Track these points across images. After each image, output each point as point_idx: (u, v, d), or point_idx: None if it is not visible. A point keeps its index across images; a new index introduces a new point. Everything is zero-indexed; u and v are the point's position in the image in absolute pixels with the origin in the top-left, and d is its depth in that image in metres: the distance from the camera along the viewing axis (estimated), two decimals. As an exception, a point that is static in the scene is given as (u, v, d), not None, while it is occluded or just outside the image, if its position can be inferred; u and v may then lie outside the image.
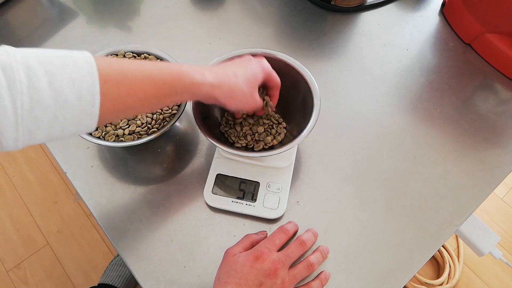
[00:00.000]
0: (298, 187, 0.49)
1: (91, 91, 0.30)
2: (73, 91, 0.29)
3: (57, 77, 0.28)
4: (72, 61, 0.29)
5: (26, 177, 1.27)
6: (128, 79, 0.33)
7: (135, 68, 0.33)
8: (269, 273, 0.38)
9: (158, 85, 0.34)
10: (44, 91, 0.28)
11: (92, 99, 0.30)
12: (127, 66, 0.33)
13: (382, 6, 0.67)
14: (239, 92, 0.40)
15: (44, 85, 0.28)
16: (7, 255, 1.15)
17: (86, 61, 0.30)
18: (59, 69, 0.29)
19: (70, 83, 0.29)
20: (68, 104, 0.29)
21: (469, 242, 0.71)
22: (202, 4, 0.67)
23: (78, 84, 0.29)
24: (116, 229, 0.47)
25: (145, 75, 0.34)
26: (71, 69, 0.29)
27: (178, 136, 0.54)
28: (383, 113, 0.55)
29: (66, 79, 0.29)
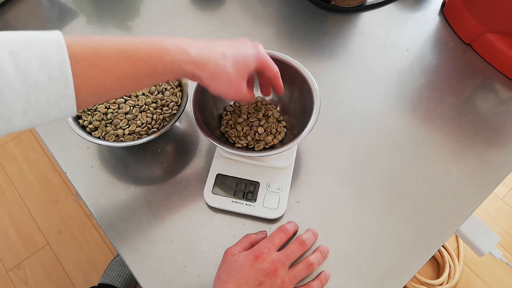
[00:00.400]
0: (298, 187, 0.49)
1: (62, 71, 0.28)
2: (42, 72, 0.27)
3: (22, 58, 0.27)
4: (39, 40, 0.28)
5: (26, 177, 1.27)
6: (101, 57, 0.30)
7: (108, 45, 0.31)
8: (269, 272, 0.38)
9: (135, 63, 0.32)
10: (9, 74, 0.26)
11: (65, 80, 0.28)
12: (100, 43, 0.30)
13: (382, 6, 0.67)
14: (225, 76, 0.36)
15: (8, 67, 0.26)
16: (7, 255, 1.15)
17: (54, 40, 0.28)
18: (25, 49, 0.27)
19: (38, 64, 0.27)
20: (39, 86, 0.27)
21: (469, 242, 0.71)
22: (202, 4, 0.67)
23: (47, 64, 0.27)
24: (116, 229, 0.47)
25: (120, 52, 0.31)
26: (37, 49, 0.27)
27: (178, 136, 0.54)
28: (383, 113, 0.55)
29: (33, 59, 0.27)
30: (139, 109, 0.49)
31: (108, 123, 0.48)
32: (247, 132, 0.50)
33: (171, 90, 0.51)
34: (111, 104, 0.49)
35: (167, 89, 0.51)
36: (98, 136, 0.47)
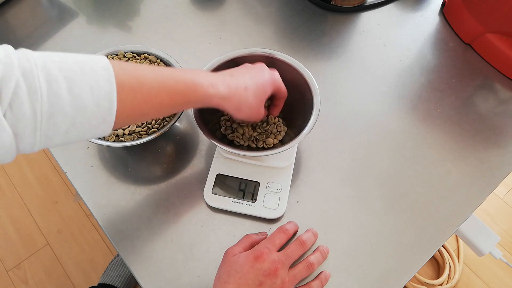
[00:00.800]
0: (298, 187, 0.49)
1: (109, 99, 0.30)
2: (92, 98, 0.29)
3: (77, 83, 0.28)
4: (90, 67, 0.30)
5: (26, 177, 1.27)
6: (144, 87, 0.33)
7: (151, 77, 0.34)
8: (269, 273, 0.38)
9: (173, 95, 0.35)
10: (64, 98, 0.28)
11: (110, 107, 0.30)
12: (143, 74, 0.33)
13: (382, 6, 0.67)
14: (247, 106, 0.41)
15: (64, 91, 0.28)
16: (7, 255, 1.15)
17: (104, 68, 0.30)
18: (79, 75, 0.29)
19: (89, 90, 0.29)
20: (86, 111, 0.29)
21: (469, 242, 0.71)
22: (202, 4, 0.67)
23: (97, 91, 0.29)
24: (116, 229, 0.47)
25: (161, 84, 0.34)
26: (89, 76, 0.29)
27: (178, 136, 0.54)
28: (383, 113, 0.55)
29: (86, 86, 0.29)
30: (139, 109, 0.49)
31: (108, 123, 0.48)
32: (246, 132, 0.50)
33: (171, 90, 0.51)
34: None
35: (167, 89, 0.51)
36: (98, 136, 0.47)
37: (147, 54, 0.53)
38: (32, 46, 0.62)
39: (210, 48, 0.62)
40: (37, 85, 0.27)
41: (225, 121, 0.51)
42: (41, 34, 0.63)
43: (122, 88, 0.31)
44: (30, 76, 0.26)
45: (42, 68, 0.27)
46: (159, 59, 0.53)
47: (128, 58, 0.52)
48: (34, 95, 0.27)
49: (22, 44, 0.62)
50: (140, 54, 0.53)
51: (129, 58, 0.52)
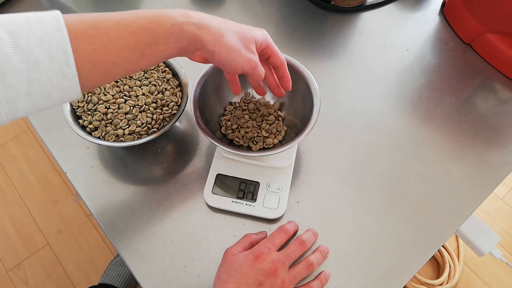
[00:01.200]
0: (298, 187, 0.49)
1: (62, 49, 0.27)
2: (43, 51, 0.27)
3: (22, 37, 0.26)
4: (37, 20, 0.27)
5: (26, 177, 1.27)
6: (101, 30, 0.29)
7: (107, 17, 0.30)
8: (269, 272, 0.38)
9: (136, 32, 0.31)
10: (9, 53, 0.25)
11: (65, 58, 0.27)
12: (99, 17, 0.30)
13: (382, 6, 0.67)
14: (230, 42, 0.34)
15: (8, 47, 0.25)
16: (7, 255, 1.15)
17: (52, 18, 0.27)
18: (24, 28, 0.26)
19: (38, 42, 0.26)
20: (40, 65, 0.27)
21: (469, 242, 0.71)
22: (202, 4, 0.67)
23: (47, 42, 0.27)
24: (116, 229, 0.47)
25: (120, 23, 0.30)
26: (37, 28, 0.27)
27: (178, 136, 0.54)
28: (383, 113, 0.55)
29: (33, 38, 0.26)
30: (139, 109, 0.49)
31: (108, 123, 0.48)
32: (246, 133, 0.50)
33: (171, 90, 0.51)
34: (111, 104, 0.49)
35: (167, 89, 0.51)
36: (98, 136, 0.47)
37: (147, 54, 0.53)
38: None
39: (210, 48, 0.62)
40: None
41: (225, 121, 0.51)
42: (41, 34, 0.63)
43: (76, 35, 0.28)
44: None
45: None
46: (159, 59, 0.53)
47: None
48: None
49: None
50: (140, 54, 0.53)
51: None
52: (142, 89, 0.50)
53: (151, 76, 0.51)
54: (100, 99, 0.49)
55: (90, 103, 0.49)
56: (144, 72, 0.52)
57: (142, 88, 0.50)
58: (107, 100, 0.49)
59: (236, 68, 0.37)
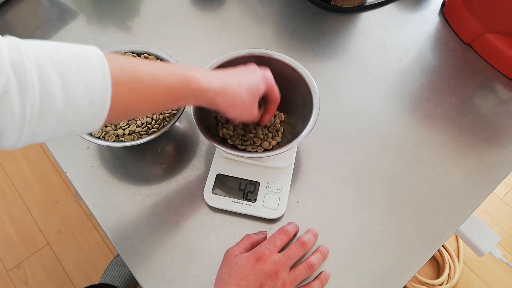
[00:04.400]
0: (298, 187, 0.49)
1: (103, 96, 0.28)
2: (85, 96, 0.27)
3: (71, 79, 0.26)
4: (84, 61, 0.28)
5: (26, 177, 1.27)
6: (139, 83, 0.32)
7: (146, 71, 0.32)
8: (270, 274, 0.38)
9: (167, 90, 0.34)
10: (56, 95, 0.26)
11: (103, 104, 0.29)
12: (139, 69, 0.32)
13: (382, 6, 0.67)
14: (240, 102, 0.40)
15: (57, 88, 0.26)
16: (7, 255, 1.15)
17: (98, 62, 0.28)
18: (73, 71, 0.27)
19: (83, 87, 0.27)
20: (79, 108, 0.27)
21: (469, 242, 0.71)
22: (202, 4, 0.67)
23: (91, 88, 0.28)
24: (116, 229, 0.47)
25: (156, 79, 0.33)
26: (84, 72, 0.27)
27: (178, 136, 0.54)
28: (383, 113, 0.55)
29: (80, 82, 0.27)
30: (139, 109, 0.49)
31: (108, 123, 0.48)
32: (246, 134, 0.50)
33: (171, 90, 0.51)
34: (111, 104, 0.49)
35: (167, 89, 0.51)
36: (98, 136, 0.47)
37: (147, 54, 0.53)
38: (32, 46, 0.62)
39: (210, 48, 0.62)
40: (29, 80, 0.24)
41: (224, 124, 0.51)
42: (41, 34, 0.63)
43: (117, 84, 0.29)
44: (21, 71, 0.24)
45: (34, 61, 0.25)
46: (159, 59, 0.53)
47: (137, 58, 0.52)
48: (25, 91, 0.24)
49: (22, 44, 0.62)
50: (140, 54, 0.53)
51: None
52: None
53: (151, 76, 0.51)
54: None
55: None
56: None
57: (142, 88, 0.50)
58: (107, 100, 0.49)
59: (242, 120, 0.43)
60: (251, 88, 0.40)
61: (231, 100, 0.39)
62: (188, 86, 0.35)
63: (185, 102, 0.38)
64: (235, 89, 0.39)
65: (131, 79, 0.31)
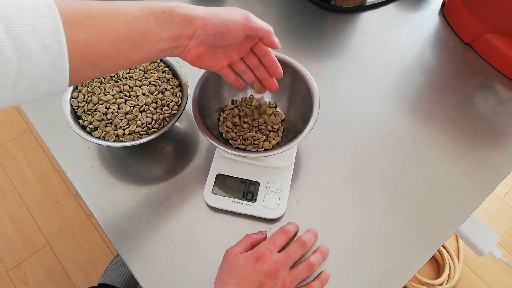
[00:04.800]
0: (298, 187, 0.49)
1: (56, 39, 0.26)
2: (36, 40, 0.25)
3: (15, 23, 0.24)
4: (29, 5, 0.25)
5: (26, 177, 1.27)
6: (95, 19, 0.28)
7: (101, 6, 0.29)
8: (270, 274, 0.38)
9: (128, 21, 0.30)
10: (2, 41, 0.24)
11: (59, 49, 0.26)
12: (91, 5, 0.29)
13: (382, 6, 0.67)
14: (219, 10, 0.35)
15: (1, 33, 0.24)
16: (7, 255, 1.15)
17: (45, 5, 0.26)
18: (16, 14, 0.24)
19: (31, 30, 0.24)
20: (33, 55, 0.25)
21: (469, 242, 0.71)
22: (202, 4, 0.67)
23: (41, 31, 0.25)
24: (116, 229, 0.47)
25: (112, 12, 0.29)
26: (29, 14, 0.25)
27: (178, 136, 0.54)
28: (383, 113, 0.55)
29: (26, 26, 0.24)
30: (139, 109, 0.49)
31: (108, 123, 0.48)
32: (246, 133, 0.50)
33: (171, 90, 0.51)
34: (111, 104, 0.49)
35: (167, 89, 0.51)
36: (98, 136, 0.47)
37: (147, 54, 0.53)
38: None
39: (210, 48, 0.62)
40: None
41: (223, 119, 0.51)
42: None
43: (69, 24, 0.26)
44: None
45: None
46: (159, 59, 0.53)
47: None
48: None
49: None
50: (140, 54, 0.53)
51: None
52: (142, 89, 0.50)
53: (151, 76, 0.51)
54: (100, 99, 0.49)
55: (90, 103, 0.49)
56: (144, 72, 0.52)
57: (142, 88, 0.50)
58: (107, 100, 0.49)
59: (236, 29, 0.35)
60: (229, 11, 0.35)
61: (206, 10, 0.34)
62: (151, 12, 0.31)
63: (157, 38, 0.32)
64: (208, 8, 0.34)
65: (85, 16, 0.28)
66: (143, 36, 0.31)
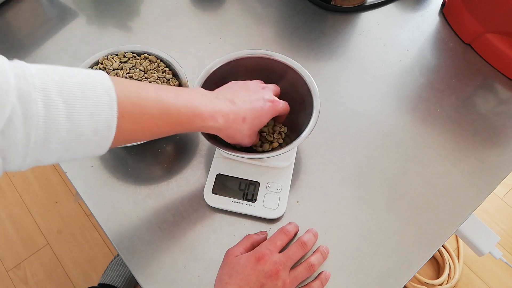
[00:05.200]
0: (298, 187, 0.49)
1: (108, 125, 0.28)
2: (91, 125, 0.27)
3: (76, 109, 0.26)
4: (91, 90, 0.28)
5: (26, 177, 1.27)
6: (146, 116, 0.32)
7: (154, 103, 0.32)
8: (270, 274, 0.38)
9: (172, 124, 0.35)
10: (61, 125, 0.26)
11: (108, 133, 0.29)
12: (146, 100, 0.32)
13: (382, 6, 0.67)
14: (241, 136, 0.41)
15: (62, 118, 0.26)
16: (7, 255, 1.15)
17: (105, 91, 0.28)
18: (79, 100, 0.27)
19: (89, 117, 0.27)
20: (83, 138, 0.28)
21: (469, 242, 0.71)
22: (202, 4, 0.67)
23: (97, 117, 0.28)
24: (116, 229, 0.47)
25: (163, 114, 0.33)
26: (90, 100, 0.27)
27: (178, 136, 0.54)
28: (383, 113, 0.55)
29: (85, 112, 0.27)
30: (139, 109, 0.49)
31: (108, 123, 0.48)
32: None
33: (171, 90, 0.51)
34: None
35: (167, 89, 0.51)
36: (98, 136, 0.47)
37: (147, 54, 0.53)
38: (32, 46, 0.62)
39: (210, 48, 0.62)
40: (34, 110, 0.24)
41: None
42: (41, 34, 0.63)
43: (123, 115, 0.29)
44: (27, 100, 0.24)
45: (41, 90, 0.25)
46: (159, 59, 0.53)
47: (128, 58, 0.52)
48: (30, 121, 0.24)
49: (22, 44, 0.62)
50: (140, 54, 0.53)
51: (129, 58, 0.52)
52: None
53: (151, 76, 0.51)
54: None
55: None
56: (144, 72, 0.52)
57: (142, 88, 0.50)
58: (107, 100, 0.49)
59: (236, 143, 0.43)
60: (255, 123, 0.41)
61: (232, 134, 0.40)
62: (193, 123, 0.36)
63: (186, 131, 0.40)
64: (239, 125, 0.39)
65: (138, 111, 0.31)
66: (176, 132, 0.36)
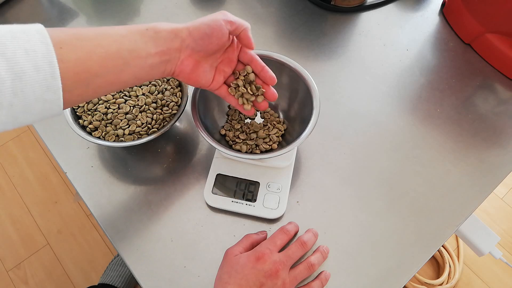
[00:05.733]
0: (298, 187, 0.49)
1: (48, 60, 0.28)
2: (28, 61, 0.27)
3: (8, 47, 0.26)
4: (21, 32, 0.27)
5: (26, 177, 1.27)
6: (84, 39, 0.30)
7: (89, 29, 0.31)
8: (270, 274, 0.38)
9: (116, 39, 0.32)
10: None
11: (51, 69, 0.28)
12: (80, 29, 0.31)
13: (382, 6, 0.67)
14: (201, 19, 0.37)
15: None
16: (7, 255, 1.15)
17: (36, 31, 0.28)
18: (8, 39, 0.27)
19: (24, 53, 0.27)
20: (25, 75, 0.27)
21: (469, 242, 0.71)
22: (202, 4, 0.67)
23: (32, 53, 0.27)
24: (116, 229, 0.47)
25: (100, 33, 0.31)
26: (22, 39, 0.27)
27: (178, 136, 0.54)
28: (383, 113, 0.55)
29: (19, 49, 0.27)
30: (139, 109, 0.49)
31: (108, 123, 0.48)
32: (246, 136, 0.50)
33: (171, 90, 0.51)
34: (111, 104, 0.49)
35: (167, 89, 0.51)
36: (98, 136, 0.47)
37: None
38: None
39: (210, 48, 0.62)
40: None
41: (226, 125, 0.51)
42: (41, 34, 0.63)
43: (60, 45, 0.28)
44: None
45: None
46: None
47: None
48: None
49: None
50: (140, 54, 0.53)
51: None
52: (142, 89, 0.50)
53: (151, 76, 0.51)
54: (100, 99, 0.49)
55: (90, 103, 0.49)
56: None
57: (142, 88, 0.50)
58: (107, 100, 0.49)
59: (219, 26, 0.37)
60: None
61: (188, 24, 0.36)
62: (136, 30, 0.33)
63: (146, 54, 0.34)
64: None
65: (75, 38, 0.30)
66: (131, 52, 0.33)
